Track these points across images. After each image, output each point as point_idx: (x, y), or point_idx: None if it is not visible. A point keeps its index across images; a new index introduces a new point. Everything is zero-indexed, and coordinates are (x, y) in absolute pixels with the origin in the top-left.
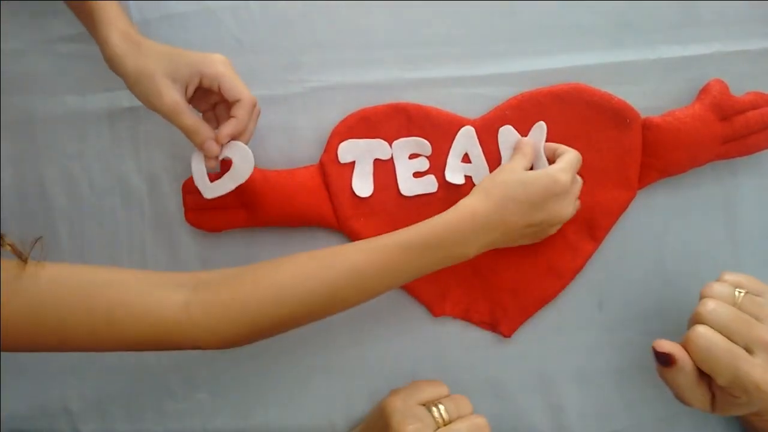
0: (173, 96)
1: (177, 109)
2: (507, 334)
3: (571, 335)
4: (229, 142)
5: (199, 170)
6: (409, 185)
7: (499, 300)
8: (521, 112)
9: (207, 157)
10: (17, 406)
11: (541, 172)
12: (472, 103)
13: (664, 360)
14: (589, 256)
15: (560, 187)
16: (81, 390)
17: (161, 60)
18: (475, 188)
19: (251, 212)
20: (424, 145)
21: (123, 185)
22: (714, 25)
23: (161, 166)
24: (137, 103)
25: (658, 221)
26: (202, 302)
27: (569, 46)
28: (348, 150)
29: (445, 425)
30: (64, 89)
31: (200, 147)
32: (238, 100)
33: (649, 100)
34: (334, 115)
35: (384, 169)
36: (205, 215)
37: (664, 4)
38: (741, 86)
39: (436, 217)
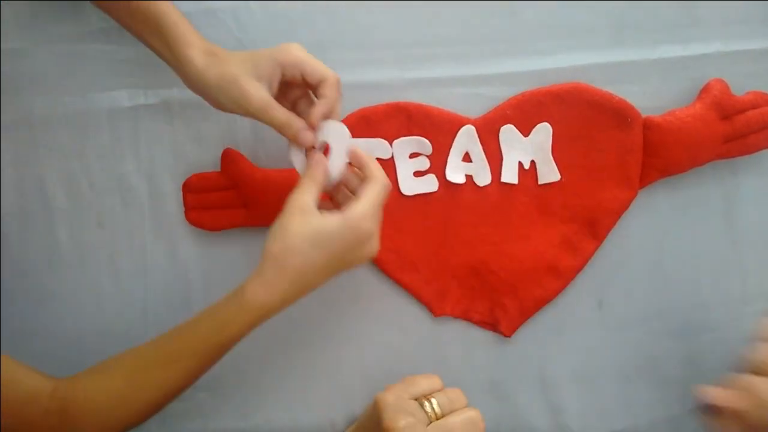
0: (260, 94)
1: (267, 106)
2: (507, 334)
3: (571, 335)
4: (322, 123)
5: (301, 161)
6: (409, 184)
7: (499, 300)
8: (522, 112)
9: (304, 147)
10: None
11: (340, 222)
12: (472, 103)
13: (709, 411)
14: (590, 255)
15: (364, 235)
16: None
17: (241, 63)
18: (263, 267)
19: (251, 211)
20: (424, 145)
21: (123, 185)
22: (714, 25)
23: (161, 166)
24: (137, 102)
25: (659, 221)
26: (61, 394)
27: (569, 46)
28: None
29: (437, 419)
30: (64, 89)
31: (294, 138)
32: (323, 80)
33: (649, 99)
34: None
35: (384, 169)
36: (206, 214)
37: (665, 4)
38: (741, 86)
39: (207, 318)
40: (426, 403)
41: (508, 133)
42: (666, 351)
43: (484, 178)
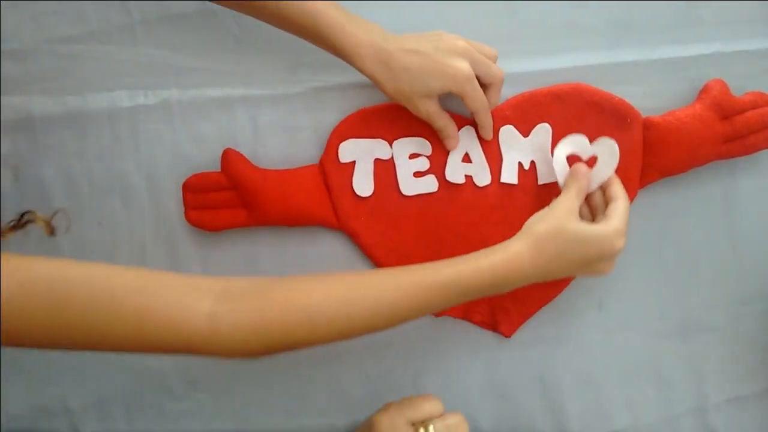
0: (427, 108)
1: (430, 117)
2: (507, 335)
3: (571, 335)
4: (598, 138)
5: (562, 167)
6: (409, 185)
7: (499, 300)
8: (522, 112)
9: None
10: (17, 405)
11: (601, 232)
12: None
13: None
14: None
15: (615, 252)
16: (81, 390)
17: (414, 82)
18: (527, 231)
19: (251, 212)
20: (424, 145)
21: (123, 185)
22: (714, 25)
23: (161, 166)
24: (137, 102)
25: (658, 221)
26: (228, 315)
27: (569, 46)
28: (348, 150)
29: None
30: (64, 89)
31: (445, 144)
32: (488, 86)
33: (649, 100)
34: (334, 115)
35: (384, 169)
36: (206, 214)
37: (664, 4)
38: (741, 86)
39: (481, 257)
40: (422, 430)
41: (508, 133)
42: (666, 351)
43: (483, 179)
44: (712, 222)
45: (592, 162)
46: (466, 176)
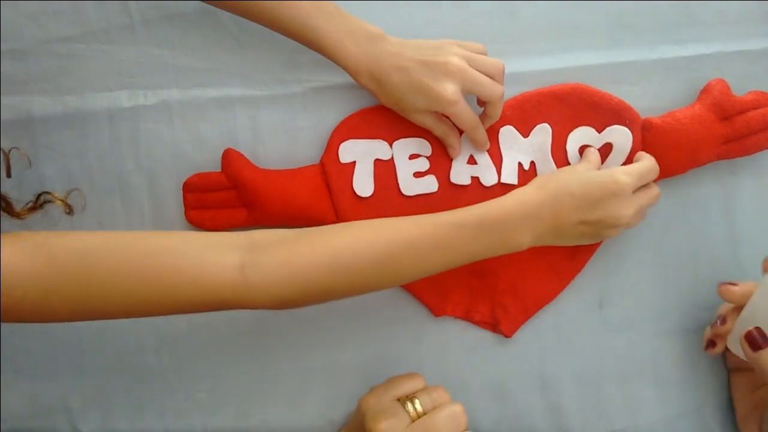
0: (422, 120)
1: (428, 127)
2: (508, 335)
3: (571, 335)
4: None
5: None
6: (409, 185)
7: (499, 300)
8: (521, 112)
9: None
10: (17, 405)
11: (603, 171)
12: (471, 103)
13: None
14: (590, 256)
15: (619, 188)
16: (81, 389)
17: (403, 99)
18: (533, 180)
19: (252, 212)
20: (424, 146)
21: (123, 185)
22: (714, 25)
23: (161, 166)
24: (137, 103)
25: (658, 221)
26: (257, 264)
27: (569, 46)
28: (349, 150)
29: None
30: (64, 89)
31: (448, 152)
32: (488, 103)
33: (649, 100)
34: (334, 115)
35: (384, 169)
36: (206, 214)
37: (664, 4)
38: (741, 86)
39: (490, 200)
40: (408, 404)
41: (508, 134)
42: (666, 351)
43: (490, 179)
44: (712, 222)
45: (606, 149)
46: (472, 177)
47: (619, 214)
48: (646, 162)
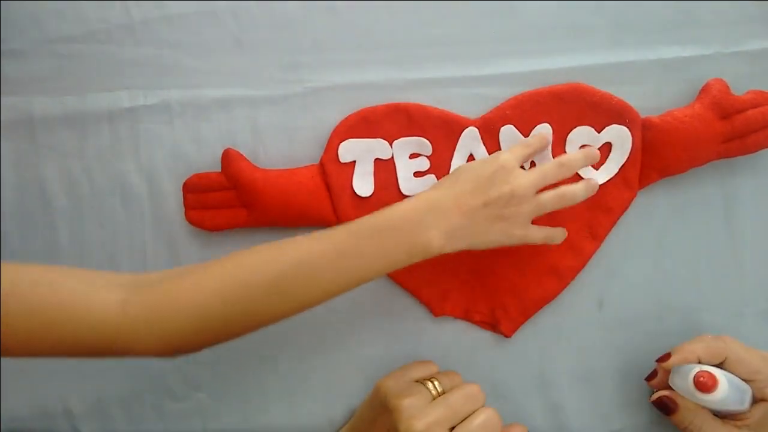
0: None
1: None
2: (508, 335)
3: (571, 335)
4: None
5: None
6: (409, 185)
7: (499, 300)
8: (522, 112)
9: None
10: (17, 406)
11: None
12: (472, 103)
13: (665, 407)
14: (590, 255)
15: (502, 160)
16: (81, 390)
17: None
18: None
19: (252, 212)
20: (424, 145)
21: (123, 185)
22: (714, 25)
23: (161, 166)
24: (137, 103)
25: (658, 221)
26: (141, 300)
27: (569, 46)
28: (348, 150)
29: (440, 396)
30: (64, 89)
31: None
32: None
33: (648, 100)
34: (334, 115)
35: (384, 169)
36: (206, 214)
37: (664, 4)
38: (741, 86)
39: (391, 205)
40: (428, 383)
41: (508, 133)
42: (666, 351)
43: None
44: (712, 222)
45: (606, 149)
46: None
47: (516, 185)
48: (523, 143)
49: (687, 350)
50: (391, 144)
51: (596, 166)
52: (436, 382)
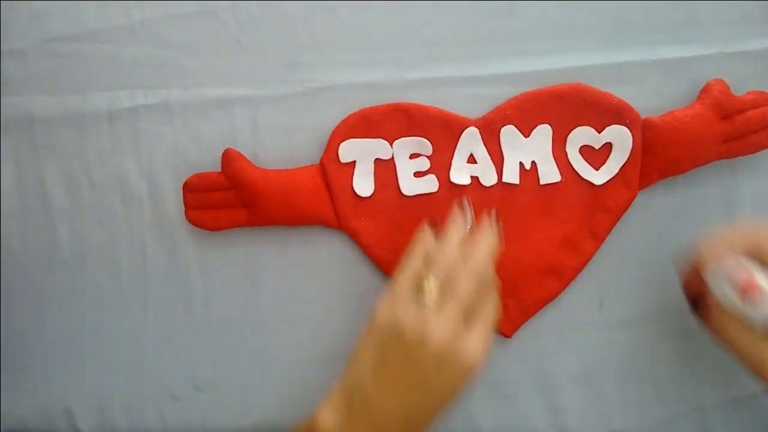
0: None
1: None
2: (508, 335)
3: (571, 335)
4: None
5: None
6: (410, 185)
7: (500, 300)
8: (522, 112)
9: None
10: (17, 406)
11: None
12: (472, 103)
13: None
14: (591, 255)
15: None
16: (81, 390)
17: None
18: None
19: (252, 212)
20: (424, 145)
21: (123, 185)
22: (714, 25)
23: (161, 166)
24: (137, 102)
25: (658, 221)
26: None
27: (569, 46)
28: (349, 150)
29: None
30: (64, 89)
31: None
32: None
33: (649, 100)
34: (334, 115)
35: (385, 169)
36: (206, 214)
37: (664, 4)
38: (742, 86)
39: None
40: (425, 288)
41: (509, 133)
42: (666, 351)
43: (490, 179)
44: (712, 222)
45: (606, 149)
46: (471, 177)
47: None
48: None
49: (726, 242)
50: (391, 144)
51: (597, 167)
52: (430, 283)
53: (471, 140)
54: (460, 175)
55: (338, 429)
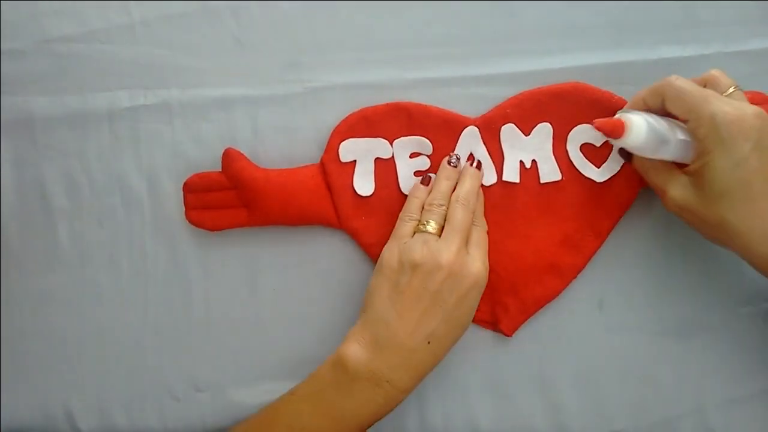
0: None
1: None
2: (508, 334)
3: (571, 335)
4: None
5: None
6: (410, 184)
7: (500, 299)
8: (522, 111)
9: None
10: (17, 406)
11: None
12: (472, 103)
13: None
14: (592, 254)
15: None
16: (81, 390)
17: None
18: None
19: (252, 212)
20: (425, 144)
21: (123, 185)
22: (714, 26)
23: (161, 166)
24: (137, 102)
25: (658, 221)
26: None
27: (569, 46)
28: (349, 149)
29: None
30: (64, 89)
31: None
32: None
33: None
34: (334, 115)
35: (385, 168)
36: (206, 214)
37: (664, 4)
38: (742, 86)
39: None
40: (421, 226)
41: (509, 132)
42: (666, 351)
43: (489, 178)
44: None
45: (607, 147)
46: None
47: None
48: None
49: (634, 96)
50: (391, 143)
51: (598, 165)
52: (430, 222)
53: (471, 139)
54: None
55: (367, 359)
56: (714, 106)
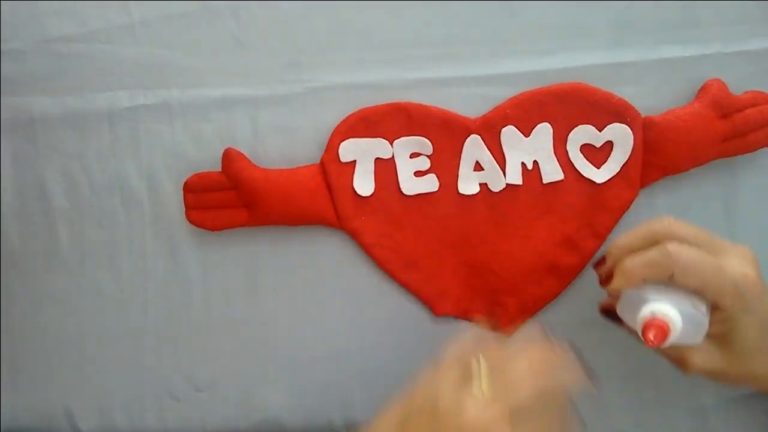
0: None
1: None
2: (508, 334)
3: (571, 335)
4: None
5: None
6: (410, 184)
7: (500, 299)
8: (522, 111)
9: None
10: (17, 406)
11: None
12: (472, 103)
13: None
14: (591, 254)
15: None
16: (81, 390)
17: None
18: None
19: (252, 212)
20: (425, 144)
21: (123, 185)
22: (714, 25)
23: (161, 166)
24: (137, 102)
25: None
26: None
27: (569, 46)
28: (349, 149)
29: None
30: (64, 89)
31: None
32: None
33: (649, 100)
34: (334, 115)
35: (385, 168)
36: (207, 214)
37: (664, 4)
38: (741, 86)
39: None
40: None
41: (509, 134)
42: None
43: (498, 184)
44: (712, 222)
45: (608, 147)
46: (480, 185)
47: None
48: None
49: (628, 272)
50: (391, 143)
51: (598, 165)
52: (480, 366)
53: (474, 148)
54: (468, 184)
55: None
56: (731, 272)
